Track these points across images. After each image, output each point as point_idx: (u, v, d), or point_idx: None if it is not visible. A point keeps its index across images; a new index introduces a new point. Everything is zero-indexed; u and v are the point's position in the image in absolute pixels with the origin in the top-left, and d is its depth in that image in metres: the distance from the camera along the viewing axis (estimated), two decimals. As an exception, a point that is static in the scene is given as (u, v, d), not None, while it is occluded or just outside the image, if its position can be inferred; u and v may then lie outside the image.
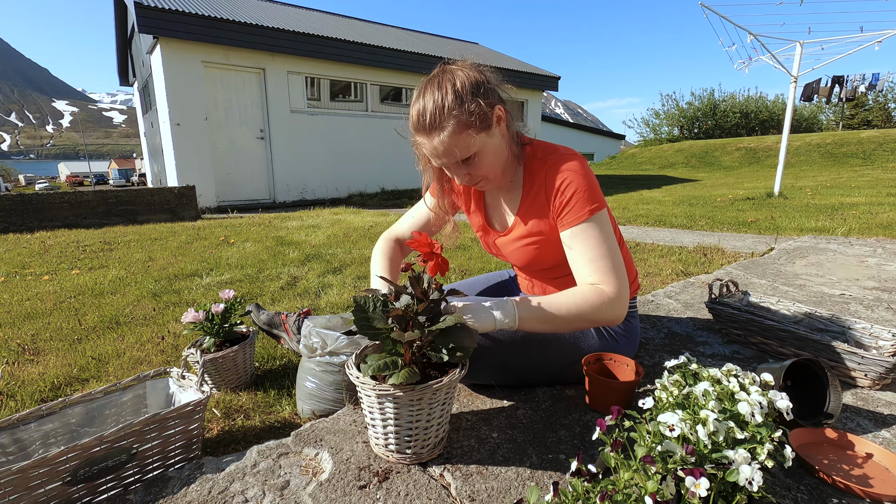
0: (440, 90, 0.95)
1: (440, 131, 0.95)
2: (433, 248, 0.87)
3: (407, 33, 12.60)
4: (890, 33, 5.89)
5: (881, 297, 1.94)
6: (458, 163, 1.01)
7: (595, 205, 1.02)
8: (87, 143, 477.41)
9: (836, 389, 1.01)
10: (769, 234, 3.79)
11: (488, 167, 1.03)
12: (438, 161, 1.02)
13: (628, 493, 0.62)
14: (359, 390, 0.89)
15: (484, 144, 1.00)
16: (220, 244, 3.98)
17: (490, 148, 1.01)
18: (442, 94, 0.95)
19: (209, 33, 7.32)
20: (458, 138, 0.96)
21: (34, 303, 2.38)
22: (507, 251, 1.21)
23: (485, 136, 0.99)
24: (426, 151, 1.02)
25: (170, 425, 0.92)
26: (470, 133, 0.96)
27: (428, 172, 1.17)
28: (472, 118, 0.95)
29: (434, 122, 0.95)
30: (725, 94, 26.34)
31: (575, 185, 1.02)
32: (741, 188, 8.44)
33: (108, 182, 37.31)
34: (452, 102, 0.94)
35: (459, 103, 0.94)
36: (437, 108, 0.94)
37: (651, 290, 2.26)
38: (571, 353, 1.15)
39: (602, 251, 1.01)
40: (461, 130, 0.95)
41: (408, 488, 0.84)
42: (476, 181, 1.06)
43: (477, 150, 0.99)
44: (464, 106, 0.94)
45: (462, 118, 0.94)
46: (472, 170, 1.02)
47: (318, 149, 8.86)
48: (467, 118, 0.95)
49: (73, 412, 1.02)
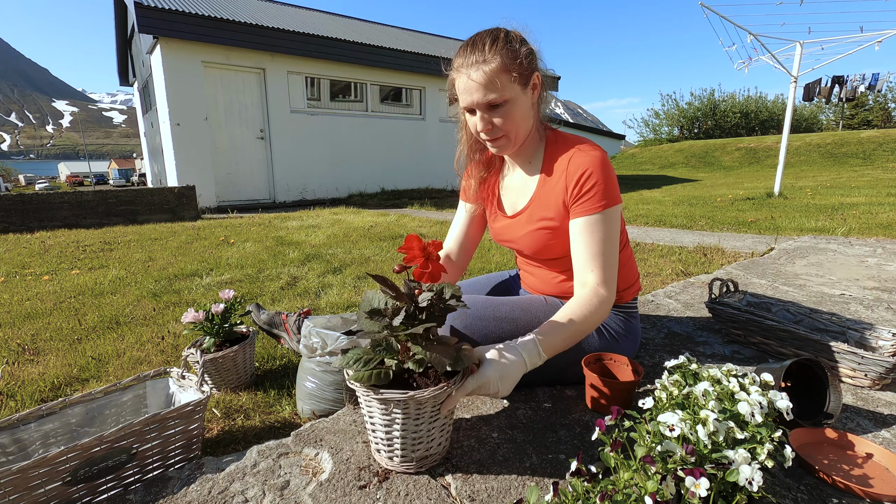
0: (494, 33, 1.01)
1: (486, 62, 0.98)
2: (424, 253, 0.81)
3: (407, 33, 12.60)
4: (890, 33, 5.89)
5: (881, 297, 1.94)
6: (488, 105, 1.01)
7: (609, 200, 1.03)
8: (87, 143, 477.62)
9: (836, 389, 1.01)
10: (769, 234, 3.79)
11: (513, 124, 1.04)
12: (471, 97, 1.01)
13: (628, 493, 0.62)
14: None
15: (517, 97, 1.02)
16: (220, 244, 3.98)
17: (520, 105, 1.03)
18: (496, 35, 1.00)
19: (209, 33, 7.32)
20: (500, 75, 0.98)
21: (34, 303, 2.38)
22: (516, 235, 1.20)
23: (520, 89, 1.02)
24: (462, 85, 1.02)
25: (170, 425, 0.92)
26: (512, 76, 0.99)
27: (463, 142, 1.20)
28: (517, 63, 0.99)
29: (483, 49, 0.99)
30: (725, 94, 26.36)
31: (596, 176, 1.03)
32: (741, 188, 8.44)
33: (108, 182, 37.32)
34: (504, 42, 0.99)
35: (510, 46, 0.99)
36: (491, 40, 0.99)
37: (651, 290, 2.26)
38: (571, 354, 1.14)
39: (607, 248, 1.03)
40: (504, 69, 0.98)
41: (408, 488, 0.84)
42: (497, 135, 1.05)
43: (509, 99, 1.01)
44: (514, 50, 0.99)
45: (508, 58, 0.98)
46: (499, 119, 1.02)
47: (318, 149, 8.86)
48: (513, 60, 0.99)
49: (73, 412, 1.02)
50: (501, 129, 1.04)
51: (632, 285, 1.26)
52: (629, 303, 1.25)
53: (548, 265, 1.24)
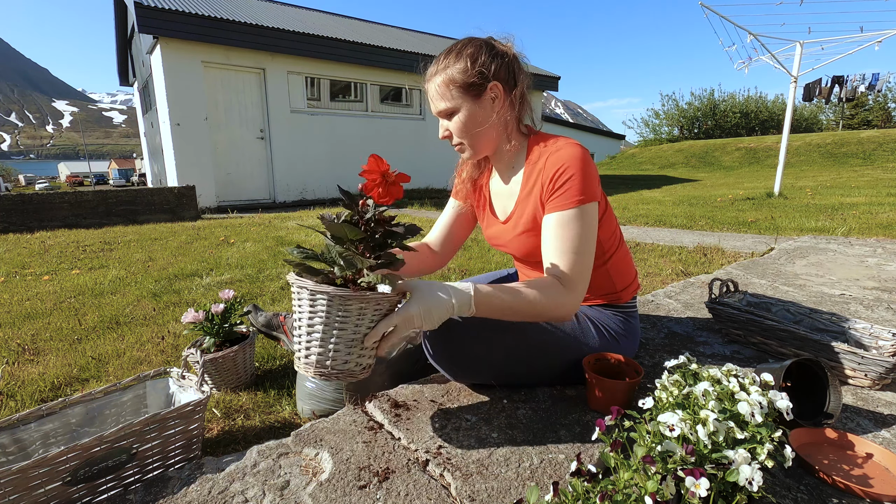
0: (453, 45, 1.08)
1: (437, 73, 1.07)
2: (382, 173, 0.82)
3: (407, 33, 12.61)
4: (890, 33, 5.90)
5: (881, 297, 1.94)
6: (442, 115, 1.09)
7: (586, 196, 1.01)
8: (87, 143, 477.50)
9: (836, 389, 1.01)
10: (769, 234, 3.79)
11: (466, 132, 1.09)
12: (432, 107, 1.11)
13: (628, 493, 0.62)
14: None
15: (466, 107, 1.06)
16: (220, 244, 3.98)
17: (470, 114, 1.07)
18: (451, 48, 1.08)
19: (209, 33, 7.32)
20: (448, 87, 1.05)
21: (34, 303, 2.38)
22: (506, 240, 1.21)
23: (469, 99, 1.06)
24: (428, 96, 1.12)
25: (170, 425, 0.92)
26: (457, 89, 1.05)
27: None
28: (460, 75, 1.04)
29: (438, 61, 1.08)
30: (725, 94, 26.37)
31: (571, 171, 1.02)
32: (741, 188, 8.45)
33: (108, 182, 37.31)
34: (454, 57, 1.05)
35: (458, 59, 1.05)
36: (446, 52, 1.08)
37: (651, 290, 2.26)
38: (571, 354, 1.15)
39: (577, 246, 1.00)
40: (451, 81, 1.05)
41: (408, 488, 0.84)
42: (455, 142, 1.12)
43: (455, 109, 1.07)
44: (459, 63, 1.05)
45: (457, 71, 1.04)
46: (453, 127, 1.09)
47: (318, 149, 8.86)
48: (463, 73, 1.04)
49: (73, 412, 1.02)
50: (457, 136, 1.10)
51: (629, 285, 1.25)
52: (628, 302, 1.25)
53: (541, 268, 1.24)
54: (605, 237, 1.17)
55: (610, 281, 1.21)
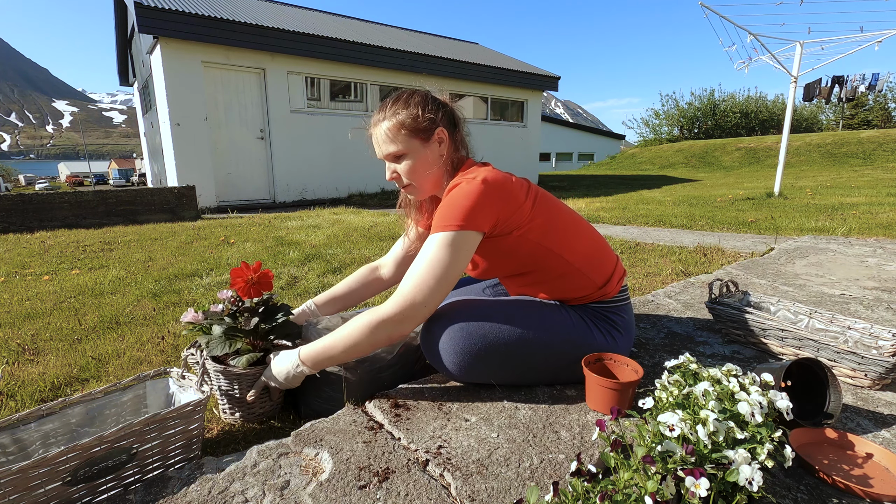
0: (401, 95, 1.17)
1: (385, 119, 1.15)
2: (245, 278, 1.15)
3: (407, 33, 12.60)
4: (890, 33, 5.90)
5: (881, 297, 1.94)
6: (389, 158, 1.17)
7: (458, 223, 1.03)
8: (87, 143, 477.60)
9: (836, 389, 1.01)
10: (769, 234, 3.79)
11: (414, 174, 1.16)
12: (377, 151, 1.19)
13: (628, 493, 0.62)
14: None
15: (415, 151, 1.15)
16: (220, 244, 3.98)
17: (420, 157, 1.15)
18: (399, 96, 1.17)
19: (209, 33, 7.31)
20: (396, 132, 1.13)
21: (34, 303, 2.38)
22: None
23: (418, 143, 1.14)
24: (373, 141, 1.20)
25: (170, 425, 0.92)
26: (406, 133, 1.13)
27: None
28: (411, 121, 1.13)
29: (386, 108, 1.15)
30: (725, 94, 26.37)
31: (451, 201, 1.07)
32: (741, 188, 8.45)
33: (108, 182, 37.31)
34: (402, 104, 1.14)
35: (406, 106, 1.14)
36: (394, 100, 1.16)
37: (651, 290, 2.26)
38: (570, 353, 1.15)
39: (429, 268, 1.03)
40: (401, 126, 1.13)
41: (408, 488, 0.84)
42: (403, 184, 1.20)
43: (406, 152, 1.15)
44: (409, 110, 1.13)
45: (402, 118, 1.13)
46: (400, 170, 1.17)
47: (318, 149, 8.86)
48: (406, 119, 1.13)
49: (73, 412, 1.02)
50: (406, 178, 1.17)
51: (611, 276, 1.22)
52: (617, 295, 1.23)
53: (505, 282, 1.32)
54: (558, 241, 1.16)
55: (587, 279, 1.19)
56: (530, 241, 1.14)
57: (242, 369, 1.13)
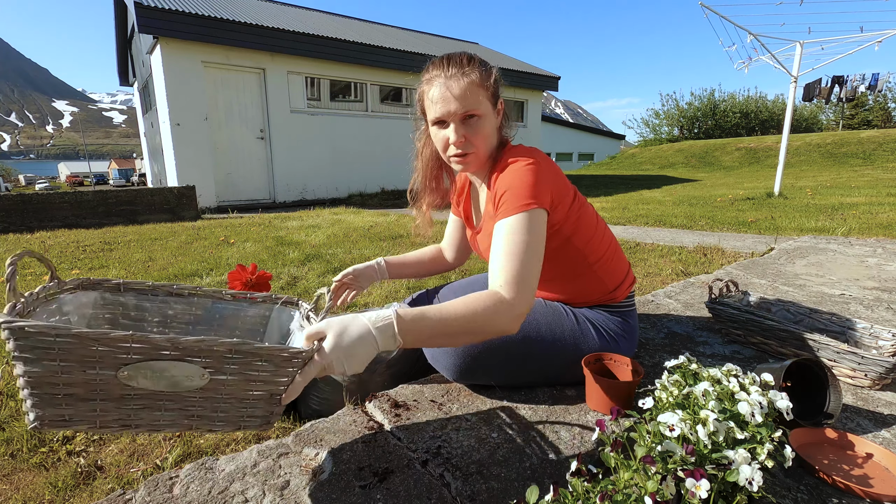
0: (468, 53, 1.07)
1: (465, 74, 1.02)
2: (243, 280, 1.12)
3: (407, 33, 12.61)
4: (890, 33, 5.90)
5: (881, 297, 1.94)
6: (462, 116, 1.03)
7: (529, 201, 0.98)
8: (87, 143, 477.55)
9: (836, 389, 1.01)
10: (769, 234, 3.79)
11: (481, 138, 1.06)
12: (447, 107, 1.01)
13: (628, 493, 0.62)
14: None
15: (487, 115, 1.05)
16: (220, 244, 3.98)
17: (488, 122, 1.06)
18: (471, 55, 1.06)
19: (209, 33, 7.32)
20: (476, 89, 1.02)
21: (34, 303, 2.38)
22: (481, 249, 1.24)
23: (490, 107, 1.06)
24: (438, 95, 1.02)
25: (255, 365, 0.72)
26: (484, 94, 1.04)
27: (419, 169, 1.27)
28: (489, 83, 1.05)
29: (463, 63, 1.03)
30: (725, 94, 26.38)
31: (511, 181, 1.01)
32: (741, 188, 8.45)
33: (108, 182, 37.30)
34: (479, 62, 1.06)
35: (484, 67, 1.06)
36: (467, 57, 1.05)
37: (651, 290, 2.26)
38: (571, 355, 1.15)
39: (520, 251, 0.94)
40: (480, 85, 1.03)
41: (408, 488, 0.84)
42: (468, 149, 1.06)
43: (481, 114, 1.04)
44: (487, 72, 1.06)
45: (484, 76, 1.04)
46: (469, 132, 1.04)
47: (318, 149, 8.86)
48: (488, 79, 1.05)
49: (199, 302, 1.00)
50: (471, 142, 1.05)
51: (621, 283, 1.23)
52: (624, 301, 1.24)
53: None
54: (584, 241, 1.15)
55: (600, 282, 1.20)
56: (562, 236, 1.12)
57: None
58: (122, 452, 1.13)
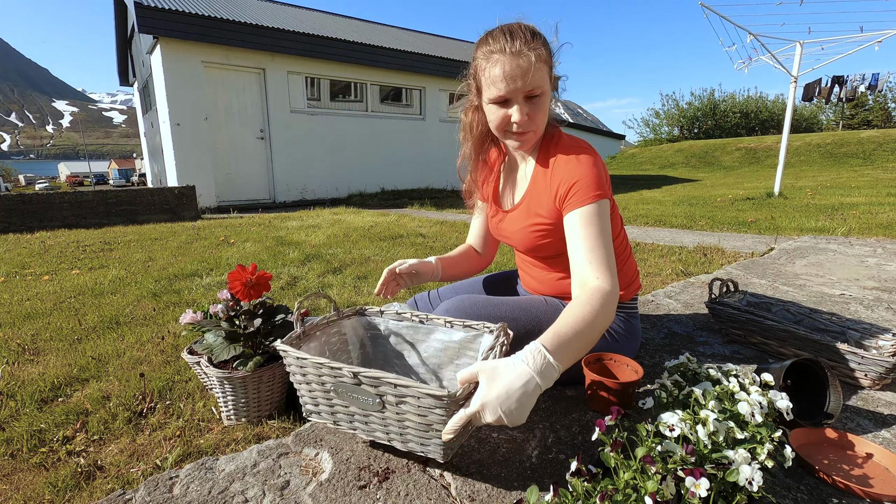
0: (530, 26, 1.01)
1: (532, 50, 0.96)
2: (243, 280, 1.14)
3: (407, 33, 12.60)
4: (890, 33, 5.90)
5: (881, 297, 1.94)
6: (527, 95, 0.99)
7: (600, 192, 1.01)
8: (87, 143, 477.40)
9: (836, 389, 1.01)
10: (769, 234, 3.79)
11: (542, 116, 1.04)
12: (514, 84, 0.97)
13: (628, 493, 0.62)
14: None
15: (548, 94, 1.03)
16: (220, 244, 3.98)
17: (548, 99, 1.04)
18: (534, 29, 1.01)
19: (209, 33, 7.31)
20: (542, 66, 0.98)
21: (34, 303, 2.38)
22: (511, 230, 1.21)
23: (550, 87, 1.03)
24: (500, 72, 0.97)
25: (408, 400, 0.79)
26: (547, 71, 1.00)
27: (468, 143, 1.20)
28: (552, 59, 1.01)
29: (526, 37, 0.97)
30: (725, 94, 26.39)
31: (580, 172, 1.02)
32: (741, 188, 8.45)
33: (108, 182, 37.27)
34: (542, 37, 1.01)
35: (545, 45, 1.00)
36: (531, 32, 0.99)
37: (651, 290, 2.26)
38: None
39: (602, 241, 0.98)
40: (545, 62, 0.99)
41: (408, 488, 0.84)
42: (529, 127, 1.03)
43: (544, 92, 1.01)
44: (549, 50, 1.01)
45: (547, 52, 1.00)
46: (532, 111, 1.01)
47: (318, 149, 8.86)
48: (550, 55, 1.01)
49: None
50: (533, 121, 1.02)
51: (631, 284, 1.25)
52: (629, 302, 1.25)
53: (545, 263, 1.24)
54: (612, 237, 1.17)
55: None
56: None
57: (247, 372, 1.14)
58: (122, 452, 1.13)
